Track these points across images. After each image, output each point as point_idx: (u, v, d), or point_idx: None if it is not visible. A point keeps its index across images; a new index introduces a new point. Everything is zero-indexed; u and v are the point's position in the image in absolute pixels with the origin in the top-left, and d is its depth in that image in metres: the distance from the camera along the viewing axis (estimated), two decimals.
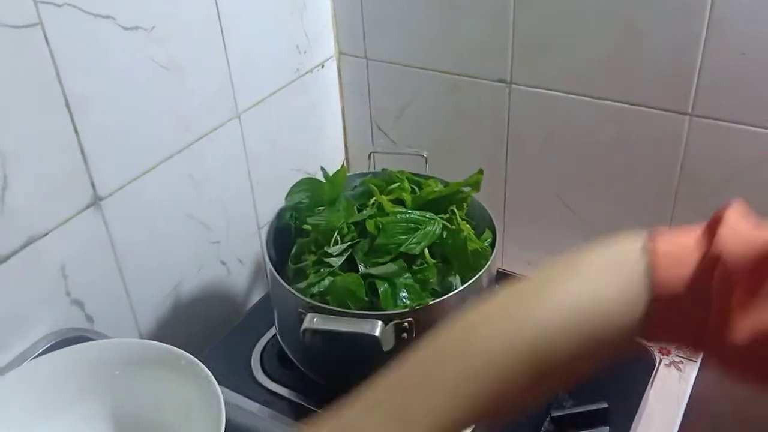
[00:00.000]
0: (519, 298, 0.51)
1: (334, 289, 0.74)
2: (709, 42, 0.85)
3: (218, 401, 0.62)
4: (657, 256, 0.47)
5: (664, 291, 0.46)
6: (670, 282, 0.47)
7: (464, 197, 0.84)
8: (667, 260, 0.47)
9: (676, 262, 0.47)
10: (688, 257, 0.47)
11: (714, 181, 0.93)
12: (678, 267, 0.47)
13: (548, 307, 0.49)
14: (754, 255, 0.44)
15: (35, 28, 0.69)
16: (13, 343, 0.74)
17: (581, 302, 0.48)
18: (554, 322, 0.48)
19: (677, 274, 0.47)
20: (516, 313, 0.49)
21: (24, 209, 0.72)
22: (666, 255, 0.47)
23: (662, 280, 0.47)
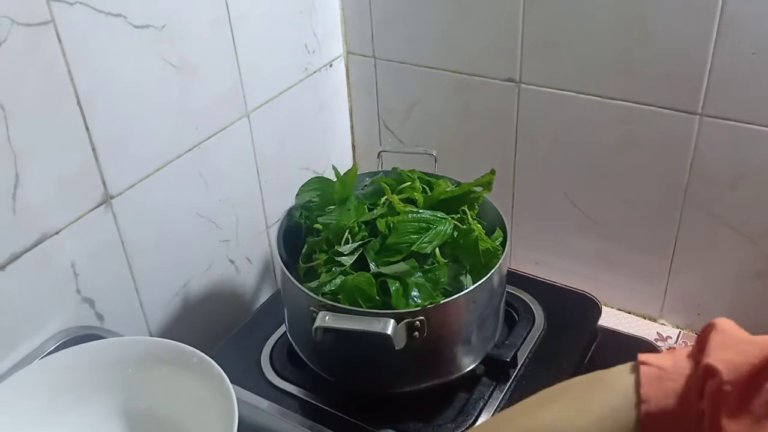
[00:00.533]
0: (507, 418, 0.52)
1: (345, 288, 0.74)
2: (719, 42, 0.85)
3: (231, 399, 0.62)
4: (645, 372, 0.48)
5: (653, 407, 0.46)
6: (658, 398, 0.46)
7: (476, 197, 0.84)
8: (654, 374, 0.47)
9: (664, 377, 0.47)
10: (677, 372, 0.47)
11: (724, 181, 0.93)
12: (666, 381, 0.47)
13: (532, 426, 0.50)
14: (748, 363, 0.44)
15: (47, 26, 0.69)
16: (24, 340, 0.74)
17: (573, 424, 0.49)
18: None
19: (665, 389, 0.47)
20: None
21: (35, 207, 0.72)
22: (654, 371, 0.48)
23: (650, 394, 0.47)
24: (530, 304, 0.95)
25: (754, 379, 0.44)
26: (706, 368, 0.45)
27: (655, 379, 0.47)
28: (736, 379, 0.44)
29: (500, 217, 0.85)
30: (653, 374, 0.48)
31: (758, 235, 0.95)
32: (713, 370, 0.45)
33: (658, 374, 0.48)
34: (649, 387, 0.47)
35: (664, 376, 0.47)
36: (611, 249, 1.07)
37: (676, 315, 1.08)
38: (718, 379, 0.44)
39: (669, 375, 0.47)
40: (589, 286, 1.01)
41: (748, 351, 0.45)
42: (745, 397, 0.44)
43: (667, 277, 1.05)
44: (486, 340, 0.82)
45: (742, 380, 0.44)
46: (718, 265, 1.00)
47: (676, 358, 0.48)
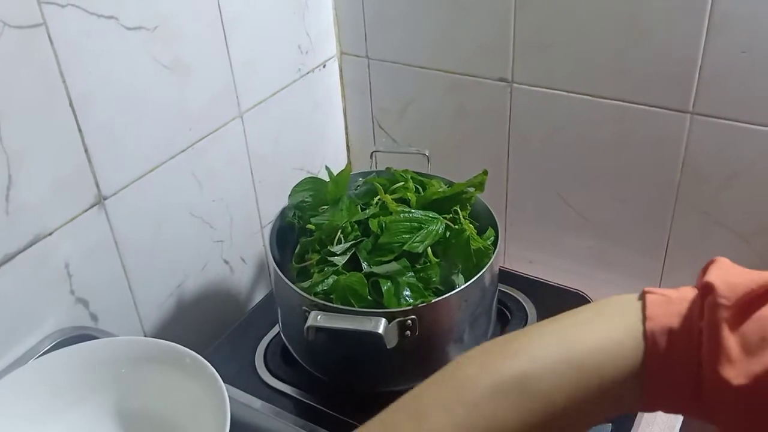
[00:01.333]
0: (511, 338, 0.52)
1: (337, 287, 0.75)
2: (709, 40, 0.85)
3: (223, 399, 0.63)
4: (651, 298, 0.49)
5: (657, 324, 0.47)
6: (662, 316, 0.47)
7: (468, 198, 0.84)
8: (660, 299, 0.49)
9: (669, 301, 0.48)
10: (680, 298, 0.48)
11: (715, 179, 0.94)
12: (670, 305, 0.48)
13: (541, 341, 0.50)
14: (745, 285, 0.45)
15: (39, 29, 0.69)
16: (18, 341, 0.75)
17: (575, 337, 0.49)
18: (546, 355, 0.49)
19: (670, 310, 0.48)
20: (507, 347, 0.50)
21: (29, 208, 0.72)
22: (659, 297, 0.49)
23: (655, 314, 0.48)
24: (523, 302, 0.95)
25: (748, 300, 0.45)
26: (704, 285, 0.47)
27: (660, 302, 0.49)
28: (732, 295, 0.45)
29: (492, 216, 0.85)
30: (659, 299, 0.49)
31: (750, 233, 0.95)
32: (710, 286, 0.46)
33: (663, 299, 0.49)
34: (654, 308, 0.48)
35: (669, 301, 0.49)
36: (605, 248, 1.08)
37: None
38: (715, 294, 0.46)
39: (673, 300, 0.49)
40: (583, 285, 1.01)
41: (745, 275, 0.47)
42: (741, 315, 0.45)
43: (660, 276, 1.05)
44: (478, 339, 0.83)
45: (738, 299, 0.45)
46: None
47: (680, 289, 0.50)
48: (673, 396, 0.47)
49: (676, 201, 0.98)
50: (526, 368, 0.48)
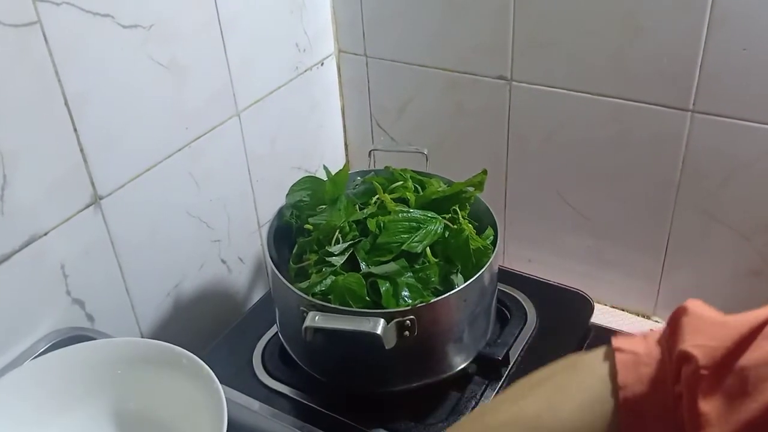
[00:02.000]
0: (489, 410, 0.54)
1: (335, 288, 0.74)
2: (710, 38, 0.85)
3: (220, 400, 0.62)
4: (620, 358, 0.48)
5: (629, 393, 0.47)
6: (634, 382, 0.47)
7: (468, 197, 0.83)
8: (629, 360, 0.48)
9: (638, 362, 0.48)
10: (650, 356, 0.48)
11: (715, 178, 0.93)
12: (640, 367, 0.48)
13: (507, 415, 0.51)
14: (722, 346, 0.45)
15: (34, 27, 0.69)
16: (14, 342, 0.74)
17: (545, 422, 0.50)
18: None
19: (641, 374, 0.47)
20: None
21: (24, 208, 0.72)
22: (629, 356, 0.49)
23: (626, 381, 0.48)
24: (522, 302, 0.95)
25: (727, 359, 0.45)
26: (681, 354, 0.46)
27: (630, 365, 0.48)
28: (712, 364, 0.45)
29: (491, 216, 0.84)
30: (628, 360, 0.49)
31: (751, 231, 0.95)
32: (688, 355, 0.45)
33: (632, 360, 0.49)
34: (625, 373, 0.48)
35: (639, 362, 0.48)
36: (604, 246, 1.07)
37: (669, 312, 1.05)
38: (694, 364, 0.45)
39: (643, 360, 0.48)
40: (582, 284, 1.01)
41: (721, 334, 0.46)
42: (720, 378, 0.44)
43: (660, 274, 1.05)
44: (477, 339, 0.82)
45: (717, 363, 0.45)
46: (711, 262, 1.00)
47: (648, 343, 0.49)
48: None
49: (676, 199, 0.97)
50: None
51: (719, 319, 0.47)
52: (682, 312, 0.48)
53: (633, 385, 0.48)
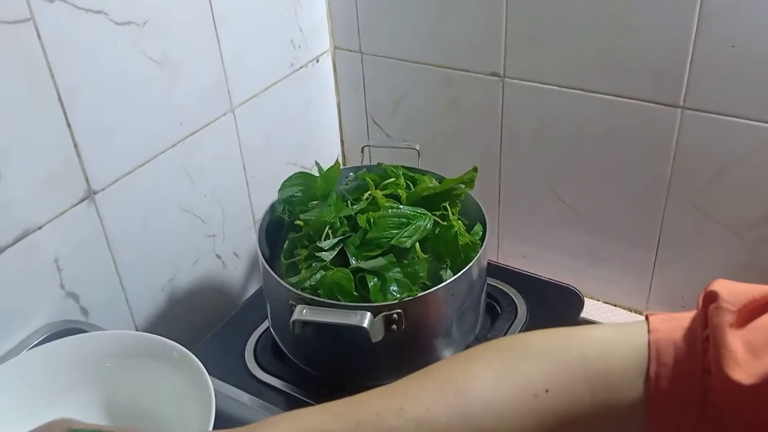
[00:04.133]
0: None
1: (324, 283, 0.75)
2: (700, 34, 0.85)
3: (209, 393, 0.63)
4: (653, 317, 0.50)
5: (661, 335, 0.48)
6: (666, 329, 0.48)
7: (458, 194, 0.84)
8: (662, 317, 0.50)
9: (671, 318, 0.49)
10: (682, 316, 0.49)
11: (706, 174, 0.94)
12: (673, 320, 0.49)
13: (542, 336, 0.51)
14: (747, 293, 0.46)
15: (27, 24, 0.69)
16: (7, 335, 0.75)
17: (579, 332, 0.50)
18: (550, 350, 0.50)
19: (672, 324, 0.49)
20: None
21: (18, 203, 0.73)
22: (662, 315, 0.50)
23: (658, 327, 0.48)
24: (513, 297, 0.96)
25: (752, 310, 0.46)
26: (708, 294, 0.47)
27: (663, 318, 0.50)
28: (735, 301, 0.45)
29: (481, 211, 0.85)
30: (661, 317, 0.50)
31: (742, 227, 0.95)
32: (714, 293, 0.47)
33: (666, 316, 0.50)
34: (657, 322, 0.49)
35: (672, 318, 0.50)
36: (597, 242, 1.08)
37: (661, 307, 1.08)
38: (719, 300, 0.46)
39: (675, 317, 0.50)
40: (575, 279, 1.01)
41: (746, 287, 0.47)
42: (744, 322, 0.45)
43: (652, 270, 1.05)
44: (466, 333, 0.83)
45: (741, 306, 0.45)
46: (702, 258, 1.00)
47: (682, 312, 0.51)
48: (680, 407, 0.47)
49: (668, 195, 0.98)
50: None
51: (746, 284, 0.48)
52: (711, 282, 0.49)
53: (665, 331, 0.48)
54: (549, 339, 0.51)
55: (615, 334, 0.50)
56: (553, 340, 0.51)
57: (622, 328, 0.51)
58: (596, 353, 0.49)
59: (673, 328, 0.48)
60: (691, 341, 0.47)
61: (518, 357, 0.50)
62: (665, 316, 0.50)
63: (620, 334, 0.50)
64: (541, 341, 0.51)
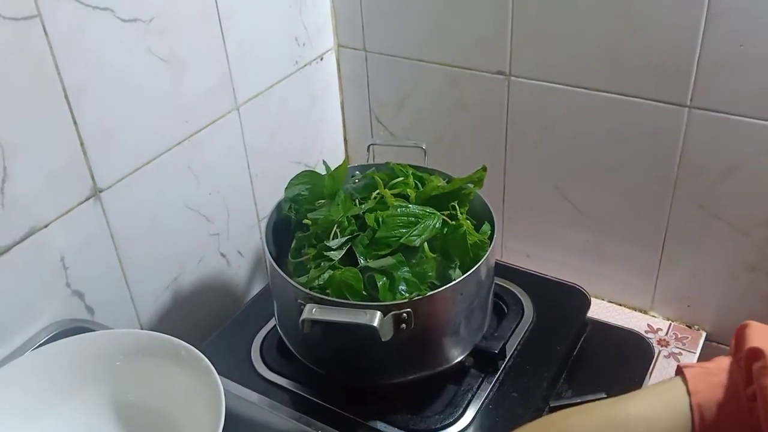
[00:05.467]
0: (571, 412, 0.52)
1: (333, 282, 0.75)
2: (707, 34, 0.85)
3: (218, 391, 0.63)
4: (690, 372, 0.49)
5: (703, 398, 0.47)
6: (706, 390, 0.48)
7: (467, 193, 0.84)
8: (699, 372, 0.49)
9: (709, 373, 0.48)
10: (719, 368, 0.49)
11: (713, 173, 0.94)
12: (711, 376, 0.48)
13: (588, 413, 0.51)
14: None
15: (34, 21, 0.69)
16: (14, 333, 0.75)
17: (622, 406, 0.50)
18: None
19: (712, 382, 0.48)
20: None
21: (24, 201, 0.72)
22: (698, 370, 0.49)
23: (698, 388, 0.48)
24: (520, 296, 0.95)
25: None
26: (750, 351, 0.47)
27: (700, 375, 0.49)
28: None
29: (489, 210, 0.85)
30: (697, 372, 0.49)
31: (748, 226, 0.95)
32: (757, 351, 0.46)
33: (702, 371, 0.49)
34: (695, 382, 0.48)
35: (709, 373, 0.49)
36: (602, 241, 1.08)
37: (666, 307, 1.08)
38: (765, 359, 0.45)
39: (712, 371, 0.49)
40: (580, 279, 1.01)
41: None
42: None
43: (657, 269, 1.05)
44: (474, 332, 0.83)
45: None
46: (708, 257, 1.00)
47: (715, 360, 0.50)
48: None
49: (674, 194, 0.98)
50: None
51: None
52: (745, 326, 0.49)
53: (705, 391, 0.48)
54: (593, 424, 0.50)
55: (658, 407, 0.49)
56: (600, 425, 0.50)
57: (664, 396, 0.49)
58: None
59: (713, 386, 0.47)
60: (735, 401, 0.46)
61: None
62: (702, 371, 0.49)
63: (663, 406, 0.49)
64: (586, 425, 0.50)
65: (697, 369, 0.49)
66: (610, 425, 0.49)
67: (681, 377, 0.49)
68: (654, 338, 1.05)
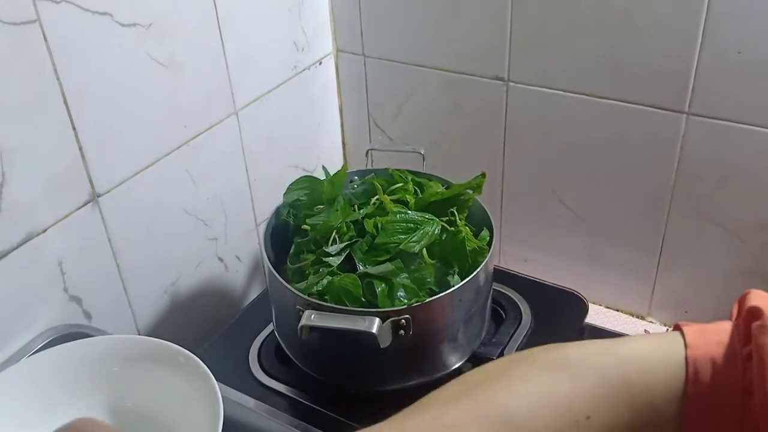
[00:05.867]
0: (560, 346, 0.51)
1: (331, 288, 0.75)
2: (705, 40, 0.85)
3: (216, 397, 0.62)
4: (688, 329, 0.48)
5: (699, 352, 0.47)
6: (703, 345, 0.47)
7: (466, 200, 0.84)
8: (697, 329, 0.48)
9: (707, 331, 0.48)
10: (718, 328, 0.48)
11: (710, 180, 0.94)
12: (709, 334, 0.47)
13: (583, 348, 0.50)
14: None
15: (33, 25, 0.69)
16: (11, 339, 0.74)
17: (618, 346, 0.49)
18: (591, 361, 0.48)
19: (709, 339, 0.47)
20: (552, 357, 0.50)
21: (22, 205, 0.72)
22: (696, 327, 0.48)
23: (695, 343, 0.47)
24: (518, 302, 0.95)
25: None
26: (749, 310, 0.46)
27: (698, 331, 0.48)
28: None
29: (488, 218, 0.85)
30: (696, 329, 0.49)
31: (745, 233, 0.95)
32: (758, 310, 0.45)
33: (700, 329, 0.48)
34: (693, 336, 0.48)
35: (707, 331, 0.48)
36: (600, 247, 1.08)
37: (663, 312, 1.08)
38: (764, 318, 0.45)
39: (711, 330, 0.48)
40: (577, 284, 1.01)
41: None
42: None
43: (654, 275, 1.05)
44: (473, 338, 0.83)
45: None
46: (705, 263, 1.01)
47: (715, 323, 0.49)
48: (718, 427, 0.46)
49: (671, 200, 0.98)
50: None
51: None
52: (746, 293, 0.48)
53: (702, 346, 0.47)
54: (589, 353, 0.49)
55: (654, 349, 0.48)
56: (594, 355, 0.49)
57: (660, 342, 0.49)
58: (637, 372, 0.47)
59: (709, 343, 0.47)
60: (731, 359, 0.46)
61: (559, 376, 0.48)
62: (700, 329, 0.48)
63: (659, 349, 0.48)
64: (582, 355, 0.49)
65: (695, 327, 0.49)
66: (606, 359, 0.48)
67: (679, 332, 0.49)
68: None
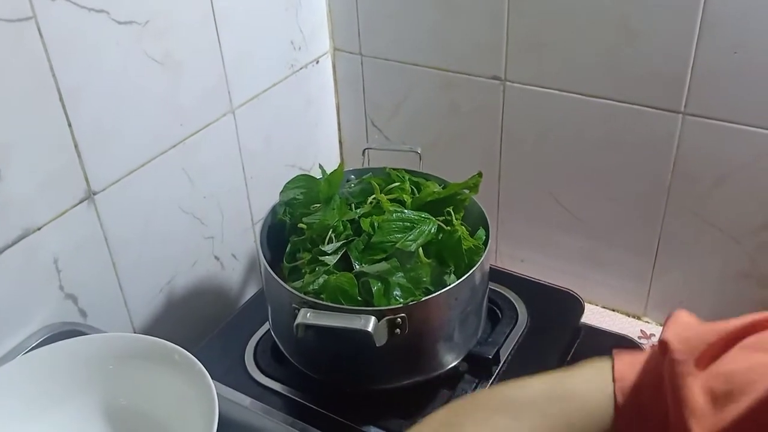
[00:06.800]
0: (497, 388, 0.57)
1: (327, 287, 0.74)
2: (701, 41, 0.85)
3: (212, 395, 0.62)
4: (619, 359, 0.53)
5: (626, 383, 0.51)
6: (630, 375, 0.52)
7: (463, 199, 0.84)
8: (628, 359, 0.53)
9: (636, 361, 0.52)
10: (643, 357, 0.53)
11: (706, 180, 0.94)
12: (637, 364, 0.52)
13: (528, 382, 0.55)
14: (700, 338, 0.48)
15: (29, 22, 0.69)
16: (6, 336, 0.74)
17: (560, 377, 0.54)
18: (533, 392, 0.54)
19: (637, 369, 0.52)
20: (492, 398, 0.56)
21: (17, 203, 0.72)
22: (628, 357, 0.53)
23: (623, 375, 0.52)
24: (514, 301, 0.95)
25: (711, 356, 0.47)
26: (660, 343, 0.50)
27: (628, 362, 0.53)
28: (686, 349, 0.48)
29: (484, 216, 0.85)
30: (627, 360, 0.53)
31: (741, 233, 0.95)
32: (665, 343, 0.49)
33: (631, 359, 0.53)
34: (623, 367, 0.52)
35: (636, 361, 0.53)
36: (596, 247, 1.08)
37: (659, 313, 1.08)
38: (670, 351, 0.48)
39: (639, 360, 0.52)
40: (574, 284, 1.01)
41: (699, 329, 0.49)
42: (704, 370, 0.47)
43: (650, 275, 1.05)
44: (468, 338, 0.83)
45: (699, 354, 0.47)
46: (701, 264, 1.01)
47: (652, 347, 0.53)
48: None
49: (668, 201, 0.98)
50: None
51: (700, 323, 0.51)
52: (668, 317, 0.52)
53: (628, 377, 0.51)
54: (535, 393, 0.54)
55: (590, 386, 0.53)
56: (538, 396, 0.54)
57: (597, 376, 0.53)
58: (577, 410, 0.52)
59: (637, 372, 0.51)
60: (655, 386, 0.49)
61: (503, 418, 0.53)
62: (630, 359, 0.52)
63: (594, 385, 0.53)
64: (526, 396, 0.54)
65: (626, 356, 0.53)
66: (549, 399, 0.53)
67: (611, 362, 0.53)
68: (647, 344, 1.05)
